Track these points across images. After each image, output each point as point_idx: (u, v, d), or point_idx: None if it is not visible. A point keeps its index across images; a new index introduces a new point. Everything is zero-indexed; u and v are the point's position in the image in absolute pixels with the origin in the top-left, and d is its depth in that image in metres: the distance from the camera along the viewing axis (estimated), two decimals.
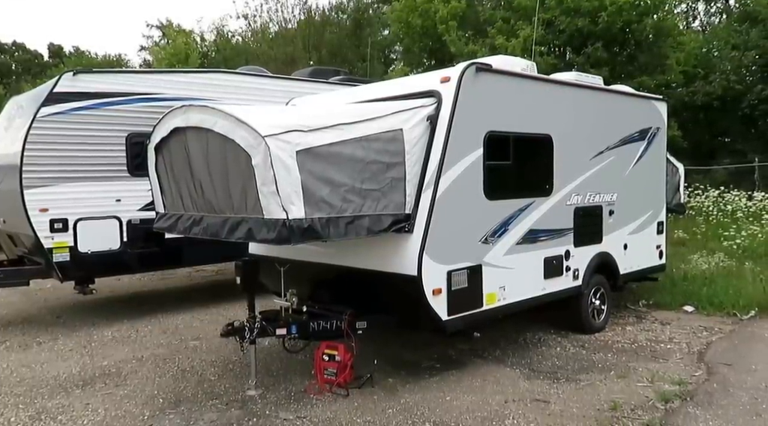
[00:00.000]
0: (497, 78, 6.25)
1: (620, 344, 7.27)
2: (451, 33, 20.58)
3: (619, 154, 7.86)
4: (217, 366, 6.71)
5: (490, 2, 23.41)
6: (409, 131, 5.66)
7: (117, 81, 8.51)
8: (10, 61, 49.62)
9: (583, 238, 7.32)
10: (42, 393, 6.06)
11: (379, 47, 30.97)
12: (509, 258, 6.36)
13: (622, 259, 8.01)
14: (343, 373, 5.91)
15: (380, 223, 5.43)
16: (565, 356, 6.85)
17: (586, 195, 7.36)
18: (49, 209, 7.90)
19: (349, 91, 7.33)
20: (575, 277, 7.24)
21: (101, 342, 7.77)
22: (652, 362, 6.63)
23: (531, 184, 6.77)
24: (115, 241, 8.41)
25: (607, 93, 7.91)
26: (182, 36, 32.23)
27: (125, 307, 9.76)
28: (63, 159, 8.02)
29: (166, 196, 6.17)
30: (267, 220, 4.88)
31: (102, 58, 41.21)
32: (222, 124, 5.05)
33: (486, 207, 6.12)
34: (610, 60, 18.76)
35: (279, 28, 31.53)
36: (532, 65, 7.22)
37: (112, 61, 40.60)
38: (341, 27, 31.47)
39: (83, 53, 44.30)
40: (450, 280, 5.74)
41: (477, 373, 6.33)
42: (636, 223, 8.29)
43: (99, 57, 41.86)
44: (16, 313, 9.59)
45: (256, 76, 9.97)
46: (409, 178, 5.63)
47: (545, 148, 6.81)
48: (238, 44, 33.66)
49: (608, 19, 18.00)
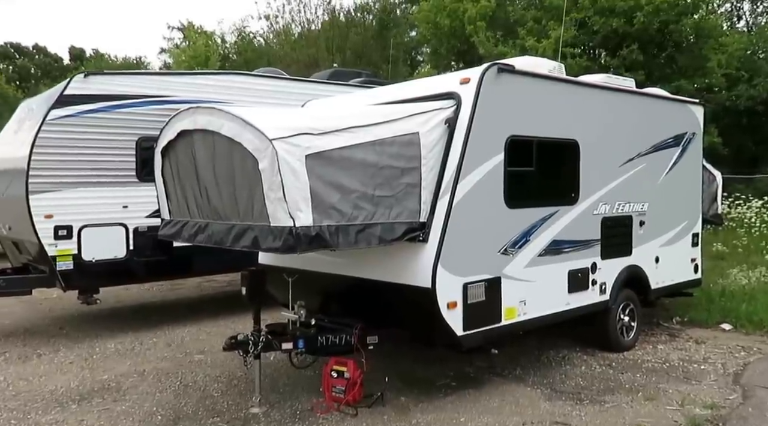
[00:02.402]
0: (520, 80, 5.88)
1: (650, 364, 6.81)
2: (480, 34, 20.16)
3: (651, 161, 7.42)
4: (221, 381, 6.39)
5: (522, 2, 22.92)
6: (426, 135, 5.32)
7: (128, 83, 8.27)
8: (30, 64, 50.26)
9: (611, 250, 6.89)
10: (37, 408, 5.79)
11: (405, 49, 30.59)
12: (531, 270, 5.97)
13: (654, 273, 7.55)
14: (353, 391, 5.57)
15: (393, 232, 5.08)
16: (591, 376, 6.42)
17: (615, 204, 6.94)
18: (54, 215, 7.64)
19: (366, 93, 7.02)
20: (602, 292, 6.80)
21: (103, 354, 7.49)
22: (684, 384, 6.19)
23: (555, 192, 6.38)
24: (120, 250, 8.13)
25: (638, 96, 7.48)
26: (202, 38, 32.21)
27: (131, 318, 9.48)
28: (71, 163, 7.78)
29: (171, 201, 5.89)
30: (273, 227, 4.57)
31: (122, 61, 41.47)
32: (229, 126, 4.77)
33: (506, 216, 5.74)
34: (647, 62, 18.22)
35: (302, 29, 31.23)
36: (560, 67, 6.85)
37: (132, 63, 40.82)
38: (366, 28, 31.05)
39: (103, 56, 44.68)
40: (466, 293, 5.36)
41: (495, 393, 5.93)
42: (669, 234, 7.83)
43: (119, 59, 42.14)
44: (18, 323, 9.35)
45: (273, 79, 9.69)
46: (425, 185, 5.28)
47: (571, 154, 6.41)
48: (260, 46, 33.47)
49: (644, 19, 17.45)
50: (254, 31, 35.12)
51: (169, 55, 36.16)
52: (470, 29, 20.60)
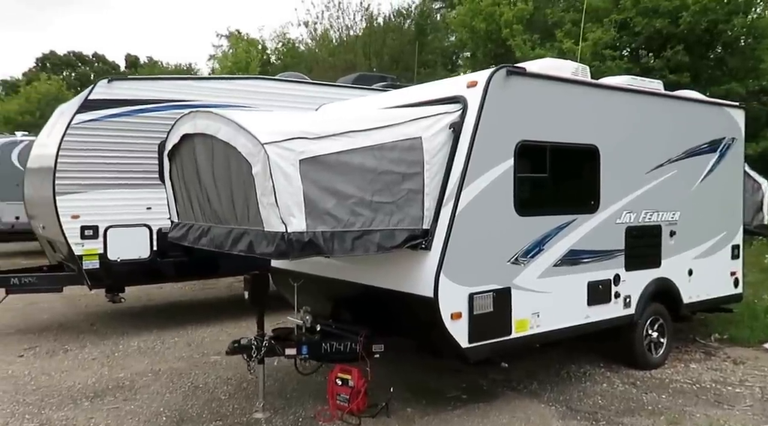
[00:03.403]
0: (533, 82, 5.64)
1: (679, 384, 6.43)
2: (516, 37, 19.79)
3: (684, 167, 7.02)
4: (231, 384, 6.40)
5: (562, 3, 22.41)
6: (430, 140, 5.16)
7: (151, 88, 8.44)
8: (89, 71, 52.38)
9: (637, 262, 6.55)
10: (52, 403, 5.93)
11: (445, 53, 30.37)
12: (545, 281, 5.72)
13: (686, 287, 7.14)
14: (356, 400, 5.45)
15: (393, 239, 4.94)
16: (611, 394, 6.11)
17: (641, 213, 6.59)
18: (81, 216, 7.86)
19: (380, 96, 6.90)
20: (626, 305, 6.47)
21: (125, 352, 7.64)
22: (714, 408, 5.79)
23: (572, 200, 6.10)
24: (144, 250, 8.29)
25: (668, 99, 7.07)
26: (243, 44, 32.80)
27: (158, 316, 9.66)
28: (96, 165, 7.99)
29: (179, 204, 5.93)
30: (267, 232, 4.52)
31: (174, 67, 42.63)
32: (225, 130, 4.75)
33: (517, 224, 5.51)
34: (693, 64, 17.43)
35: (340, 34, 31.45)
36: (585, 69, 6.57)
37: (183, 69, 41.94)
38: (403, 33, 30.99)
39: (156, 63, 46.05)
40: (472, 304, 5.17)
41: (506, 408, 5.71)
42: (704, 246, 7.38)
43: (171, 66, 43.34)
44: (54, 319, 9.67)
45: (295, 83, 9.71)
46: (428, 191, 5.12)
47: (590, 160, 6.12)
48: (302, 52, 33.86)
49: (691, 19, 16.70)
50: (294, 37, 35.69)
51: (216, 61, 37.06)
52: (506, 33, 20.24)
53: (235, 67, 30.09)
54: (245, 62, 30.65)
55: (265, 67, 31.78)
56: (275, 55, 35.77)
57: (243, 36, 35.02)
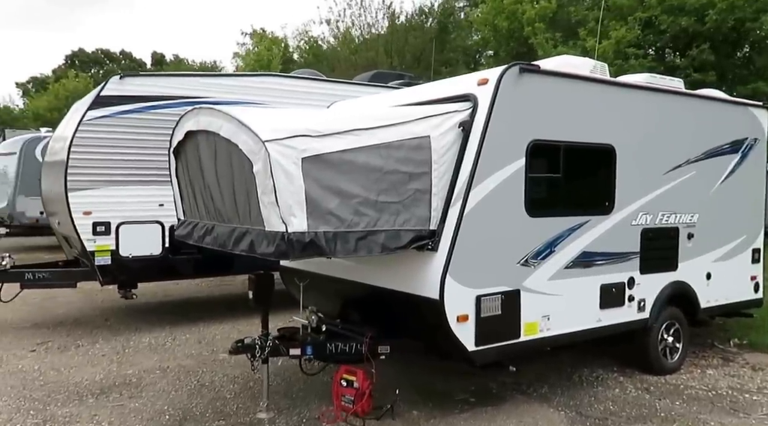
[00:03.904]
0: (546, 80, 5.50)
1: (694, 390, 6.25)
2: (539, 35, 19.54)
3: (703, 168, 6.82)
4: (237, 383, 6.36)
5: (587, 1, 22.06)
6: (438, 139, 5.05)
7: (164, 84, 8.42)
8: (117, 69, 53.10)
9: (653, 264, 6.38)
10: (57, 399, 5.93)
11: (469, 52, 30.14)
12: (555, 283, 5.58)
13: (704, 291, 6.95)
14: (361, 402, 5.36)
15: (398, 240, 4.84)
16: (623, 400, 5.95)
17: (658, 215, 6.42)
18: (93, 212, 7.88)
19: (391, 94, 6.79)
20: (640, 309, 6.31)
21: (136, 348, 7.64)
22: (730, 416, 5.63)
23: (586, 201, 5.95)
24: (156, 247, 8.29)
25: (688, 98, 6.87)
26: (265, 42, 32.91)
27: (173, 312, 9.67)
28: (108, 162, 7.99)
29: (184, 202, 5.90)
30: (268, 232, 4.45)
31: (199, 65, 42.92)
32: (227, 127, 4.69)
33: (527, 225, 5.38)
34: (719, 63, 17.06)
35: (361, 32, 31.36)
36: (604, 67, 6.41)
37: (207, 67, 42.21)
38: (425, 31, 30.82)
39: (182, 60, 46.43)
40: (479, 306, 5.06)
41: (514, 413, 5.60)
42: (723, 249, 7.18)
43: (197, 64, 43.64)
44: (70, 313, 9.72)
45: (309, 80, 9.62)
46: (436, 191, 5.01)
47: (606, 160, 5.96)
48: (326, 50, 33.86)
49: (717, 17, 16.33)
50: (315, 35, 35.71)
51: (239, 59, 37.26)
52: (528, 31, 19.97)
53: (257, 65, 30.18)
54: (267, 60, 30.72)
55: (287, 65, 31.85)
56: (297, 52, 35.82)
57: (267, 34, 35.16)
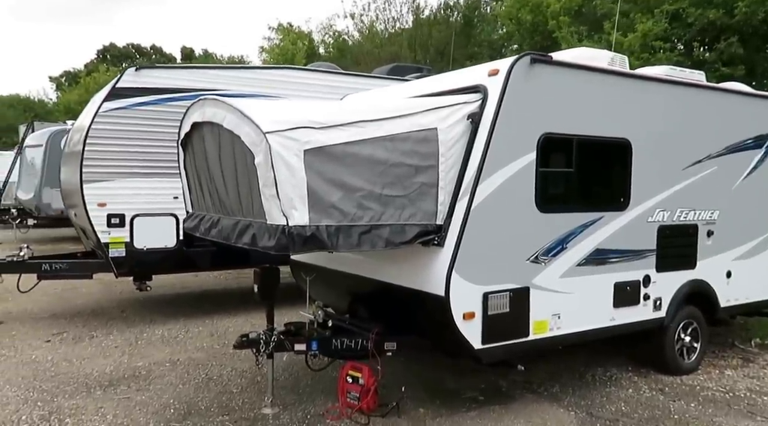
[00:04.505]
0: (559, 71, 5.35)
1: (710, 391, 6.07)
2: (563, 29, 19.22)
3: (725, 164, 6.61)
4: (245, 377, 6.34)
5: None
6: (446, 131, 4.93)
7: (179, 76, 8.41)
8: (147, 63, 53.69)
9: (669, 262, 6.20)
10: (65, 391, 5.96)
11: (495, 46, 29.81)
12: (567, 281, 5.44)
13: (724, 289, 6.74)
14: (366, 399, 5.31)
15: (403, 234, 4.74)
16: (636, 401, 5.80)
17: (676, 211, 6.23)
18: (107, 204, 7.92)
19: (403, 86, 6.68)
20: (656, 308, 6.14)
21: (148, 340, 7.67)
22: (746, 418, 5.45)
23: (600, 197, 5.79)
24: (171, 239, 8.30)
25: (709, 91, 6.65)
26: (291, 36, 32.98)
27: (189, 305, 9.70)
28: (123, 154, 8.02)
29: (192, 194, 5.88)
30: (269, 225, 4.39)
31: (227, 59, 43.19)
32: (230, 118, 4.63)
33: (538, 221, 5.24)
34: (749, 57, 16.61)
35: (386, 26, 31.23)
36: (623, 59, 6.23)
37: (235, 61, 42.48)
38: (450, 25, 30.55)
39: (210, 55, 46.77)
40: (486, 304, 4.94)
41: (523, 412, 5.48)
42: (745, 246, 6.95)
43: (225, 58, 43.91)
44: (88, 304, 9.82)
45: (325, 73, 9.54)
46: (443, 185, 4.90)
47: (621, 155, 5.79)
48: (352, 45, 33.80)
49: (747, 9, 15.88)
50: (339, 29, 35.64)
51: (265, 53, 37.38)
52: (552, 24, 19.65)
53: (282, 59, 30.22)
54: (291, 54, 30.75)
55: (311, 60, 31.86)
56: (323, 47, 35.80)
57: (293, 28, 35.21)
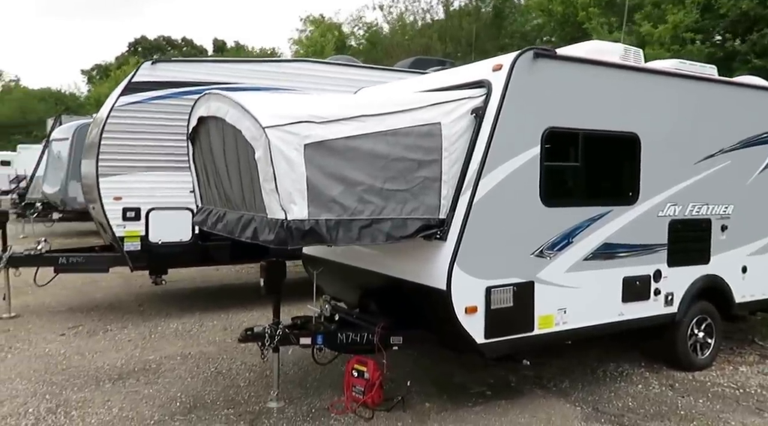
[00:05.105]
0: (563, 65, 5.29)
1: (720, 388, 5.99)
2: (593, 20, 18.96)
3: (739, 158, 6.49)
4: (254, 371, 6.38)
5: None
6: (449, 125, 4.92)
7: (196, 70, 8.43)
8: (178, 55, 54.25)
9: (682, 257, 6.11)
10: (75, 384, 6.03)
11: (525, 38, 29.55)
12: (573, 275, 5.40)
13: (740, 285, 6.63)
14: (371, 393, 5.33)
15: (404, 229, 4.74)
16: (644, 396, 5.74)
17: (688, 206, 6.14)
18: (123, 198, 8.01)
19: (414, 80, 6.67)
20: (667, 303, 6.05)
21: (162, 334, 7.76)
22: (754, 415, 5.37)
23: (607, 191, 5.74)
24: (186, 233, 8.37)
25: (721, 85, 6.51)
26: (320, 28, 33.01)
27: (205, 298, 9.80)
28: (139, 148, 8.09)
29: (201, 188, 5.94)
30: (269, 219, 4.43)
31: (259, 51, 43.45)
32: (232, 113, 4.68)
33: (542, 215, 5.20)
34: None
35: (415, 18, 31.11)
36: (637, 52, 6.14)
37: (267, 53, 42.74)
38: (480, 17, 30.33)
39: (242, 47, 47.05)
40: (489, 298, 4.93)
41: (528, 407, 5.45)
42: (762, 242, 6.83)
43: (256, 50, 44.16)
44: (106, 298, 9.95)
45: (344, 66, 9.51)
46: (446, 179, 4.89)
47: (629, 149, 5.72)
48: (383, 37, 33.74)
49: None
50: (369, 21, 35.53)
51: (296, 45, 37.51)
52: (582, 16, 19.39)
53: (311, 51, 30.29)
54: (320, 46, 30.76)
55: (341, 52, 31.90)
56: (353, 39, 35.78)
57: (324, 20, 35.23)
